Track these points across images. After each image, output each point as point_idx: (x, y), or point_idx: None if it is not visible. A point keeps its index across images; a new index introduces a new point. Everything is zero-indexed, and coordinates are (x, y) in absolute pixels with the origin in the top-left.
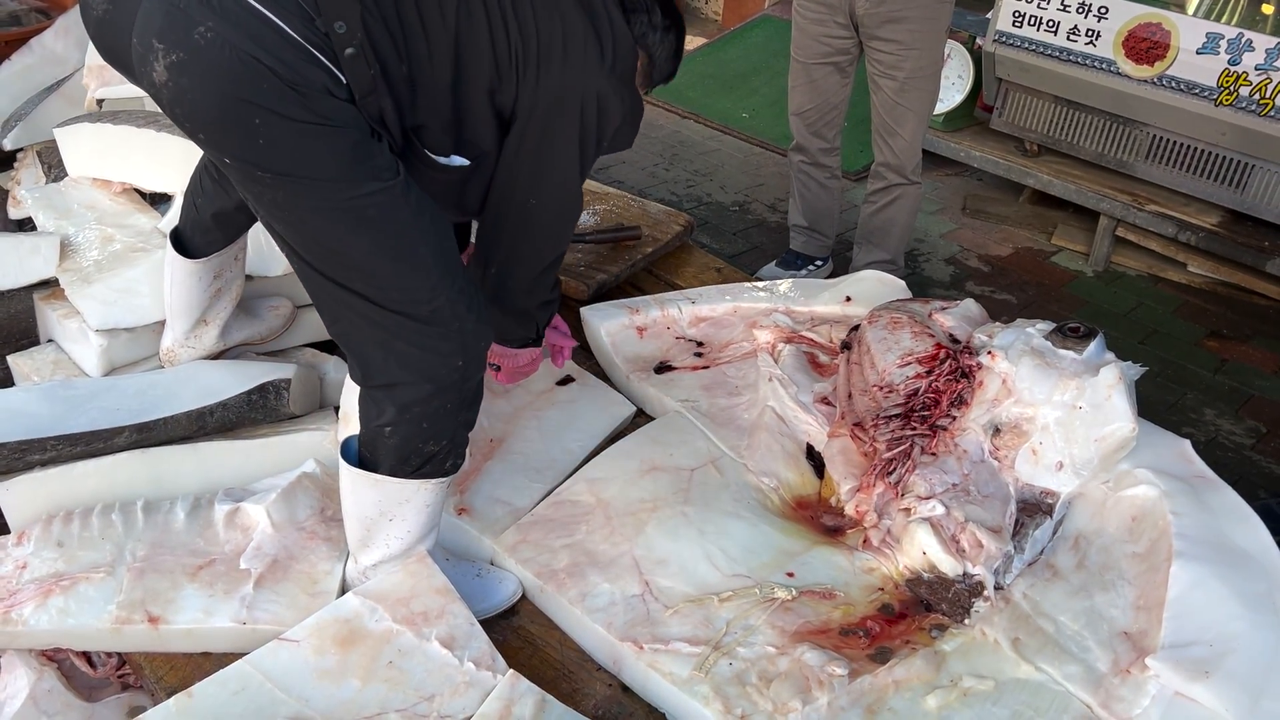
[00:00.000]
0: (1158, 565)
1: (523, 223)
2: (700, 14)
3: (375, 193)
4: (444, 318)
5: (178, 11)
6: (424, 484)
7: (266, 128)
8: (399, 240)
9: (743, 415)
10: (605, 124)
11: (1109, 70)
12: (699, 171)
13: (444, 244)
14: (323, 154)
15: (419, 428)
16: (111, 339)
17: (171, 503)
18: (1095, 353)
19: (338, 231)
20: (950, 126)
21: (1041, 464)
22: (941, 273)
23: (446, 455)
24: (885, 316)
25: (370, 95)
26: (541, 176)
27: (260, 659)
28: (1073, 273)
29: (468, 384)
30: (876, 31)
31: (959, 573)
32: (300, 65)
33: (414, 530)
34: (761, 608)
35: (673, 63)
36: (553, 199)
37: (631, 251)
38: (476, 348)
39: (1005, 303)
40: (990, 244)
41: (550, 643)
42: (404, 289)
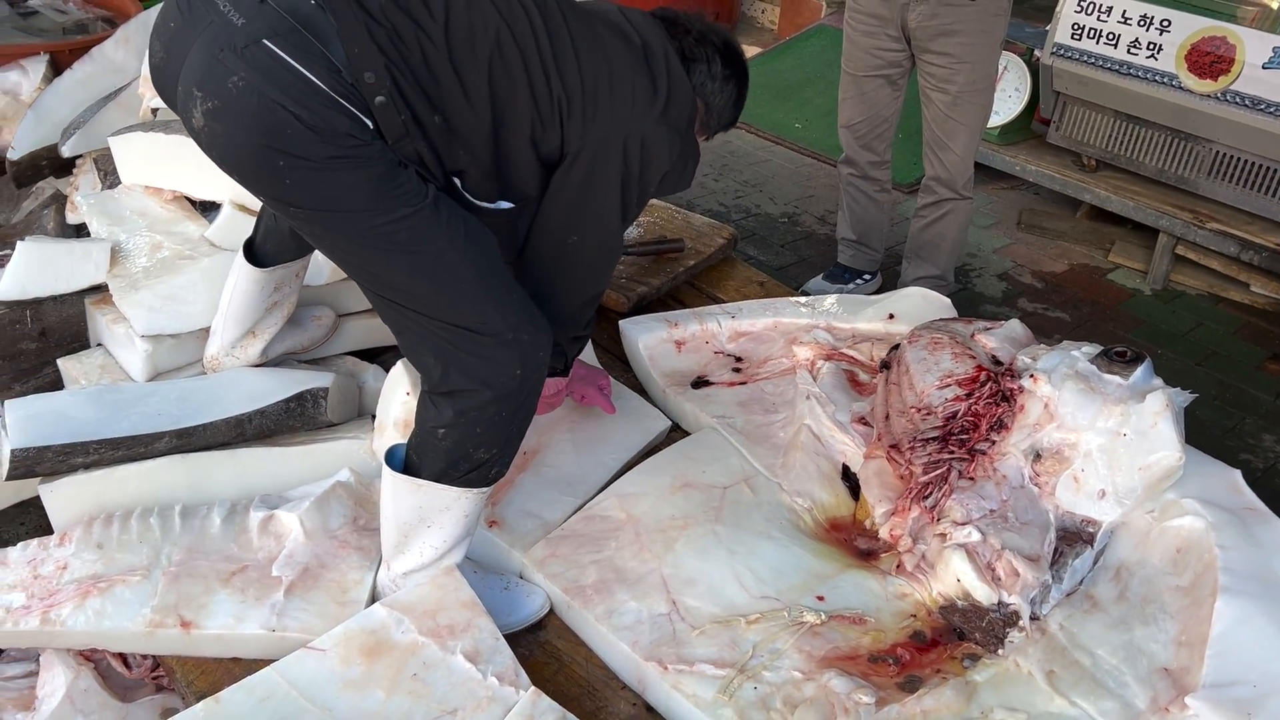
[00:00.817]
0: (1202, 600)
1: (560, 258)
2: (756, 23)
3: (404, 217)
4: (497, 329)
5: (216, 62)
6: (466, 492)
7: (291, 170)
8: (435, 260)
9: (779, 433)
10: (648, 168)
11: (1171, 85)
12: (748, 182)
13: (487, 259)
14: (347, 188)
15: (473, 432)
16: (156, 345)
17: (209, 508)
18: (1142, 378)
19: (374, 257)
20: (1006, 140)
21: (1083, 492)
22: (993, 289)
23: (494, 463)
24: (926, 336)
25: (404, 140)
26: (583, 214)
27: (287, 667)
28: (1130, 291)
29: (526, 392)
30: (929, 45)
31: (994, 601)
32: (324, 111)
33: (449, 539)
34: (789, 631)
35: (733, 111)
36: (592, 237)
37: (673, 264)
38: (535, 357)
39: (1058, 321)
40: (1045, 260)
41: (576, 659)
42: (451, 305)
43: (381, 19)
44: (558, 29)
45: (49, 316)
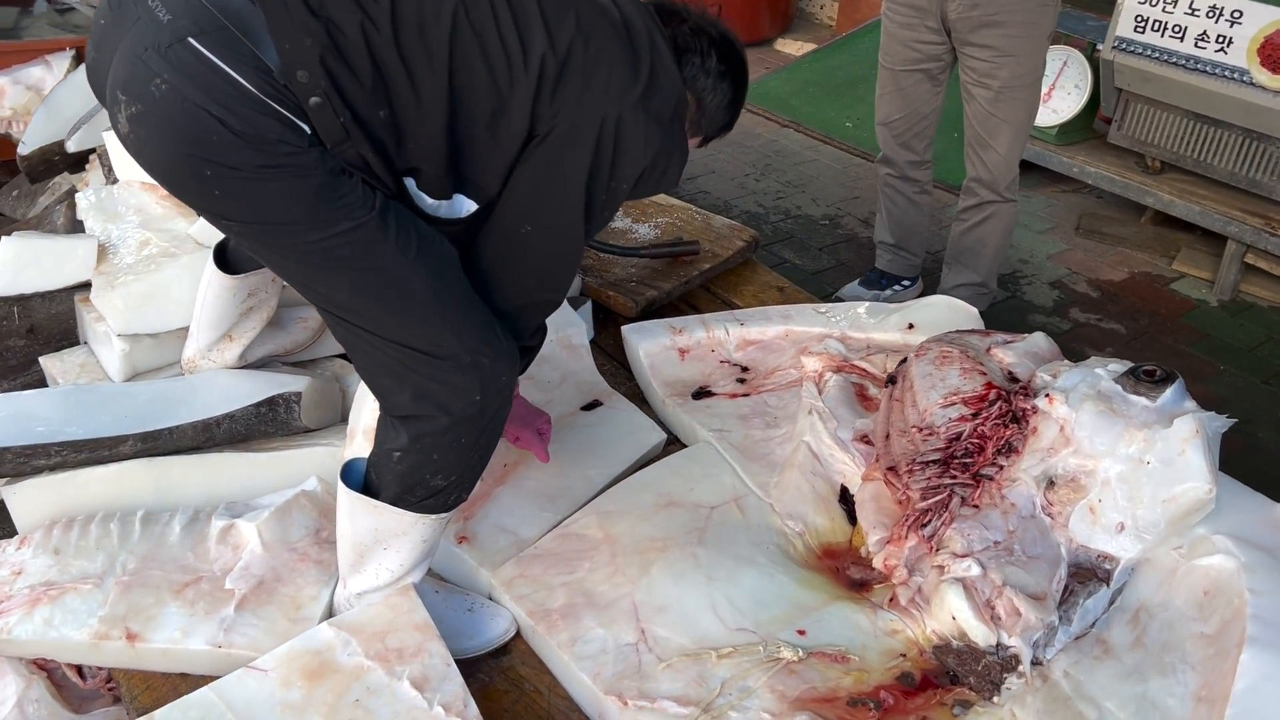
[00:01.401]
0: (1227, 651)
1: (511, 249)
2: (814, 19)
3: (346, 231)
4: (453, 351)
5: (140, 63)
6: (423, 518)
7: (219, 180)
8: (381, 277)
9: (777, 450)
10: (622, 159)
11: (1241, 80)
12: (791, 183)
13: (441, 276)
14: (281, 199)
15: (429, 459)
16: (134, 344)
17: (171, 515)
18: (1172, 400)
19: (315, 274)
20: (1065, 140)
21: (1100, 524)
22: (1044, 297)
23: (452, 490)
24: (935, 349)
25: (345, 144)
26: (541, 202)
27: (226, 687)
28: (1194, 302)
29: (488, 419)
30: (970, 37)
31: (992, 643)
32: (252, 116)
33: (406, 563)
34: (763, 668)
35: (728, 113)
36: (548, 230)
37: (688, 268)
38: (497, 382)
39: (1112, 333)
40: (1103, 268)
41: (539, 688)
42: (402, 325)
43: (318, 8)
44: (523, 3)
45: (37, 313)
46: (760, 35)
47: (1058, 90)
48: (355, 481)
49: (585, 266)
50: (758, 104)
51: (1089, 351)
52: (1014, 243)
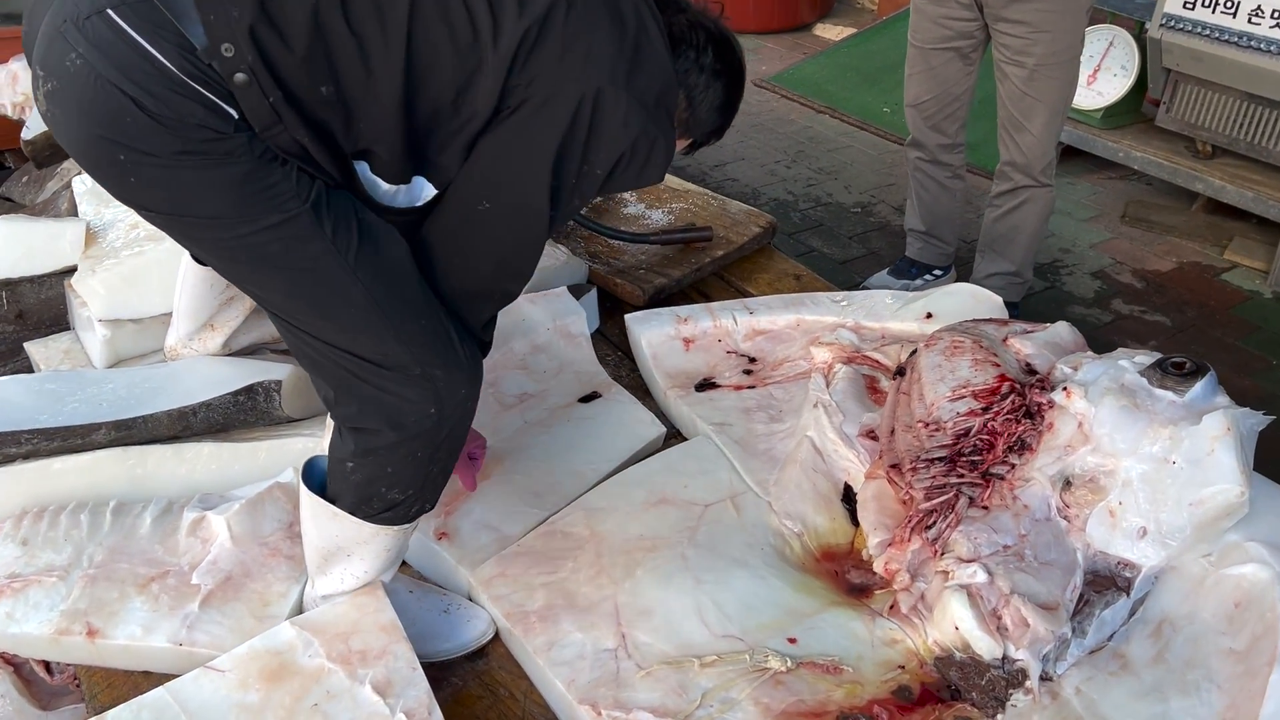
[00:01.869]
0: (1257, 669)
1: (464, 226)
2: (855, 4)
3: (274, 225)
4: (400, 362)
5: (58, 37)
6: (385, 529)
7: (134, 165)
8: (315, 278)
9: (779, 445)
10: (596, 139)
11: None
12: (823, 169)
13: (387, 278)
14: (202, 189)
15: (383, 472)
16: (116, 329)
17: (143, 506)
18: (1202, 395)
19: (244, 272)
20: (1111, 124)
21: (1120, 529)
22: (1085, 288)
23: (412, 503)
24: (946, 339)
25: (275, 127)
26: (502, 176)
27: (181, 687)
28: (1246, 293)
29: (445, 433)
30: (1002, 12)
31: (997, 655)
32: (170, 97)
33: (372, 569)
34: (748, 678)
35: (719, 116)
36: (506, 210)
37: (700, 255)
38: (455, 395)
39: (1156, 325)
40: (1149, 257)
41: (515, 693)
42: (343, 331)
43: None
44: None
45: (27, 298)
46: (799, 20)
47: (1103, 72)
48: (316, 481)
49: (594, 253)
50: (792, 89)
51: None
52: (1055, 231)
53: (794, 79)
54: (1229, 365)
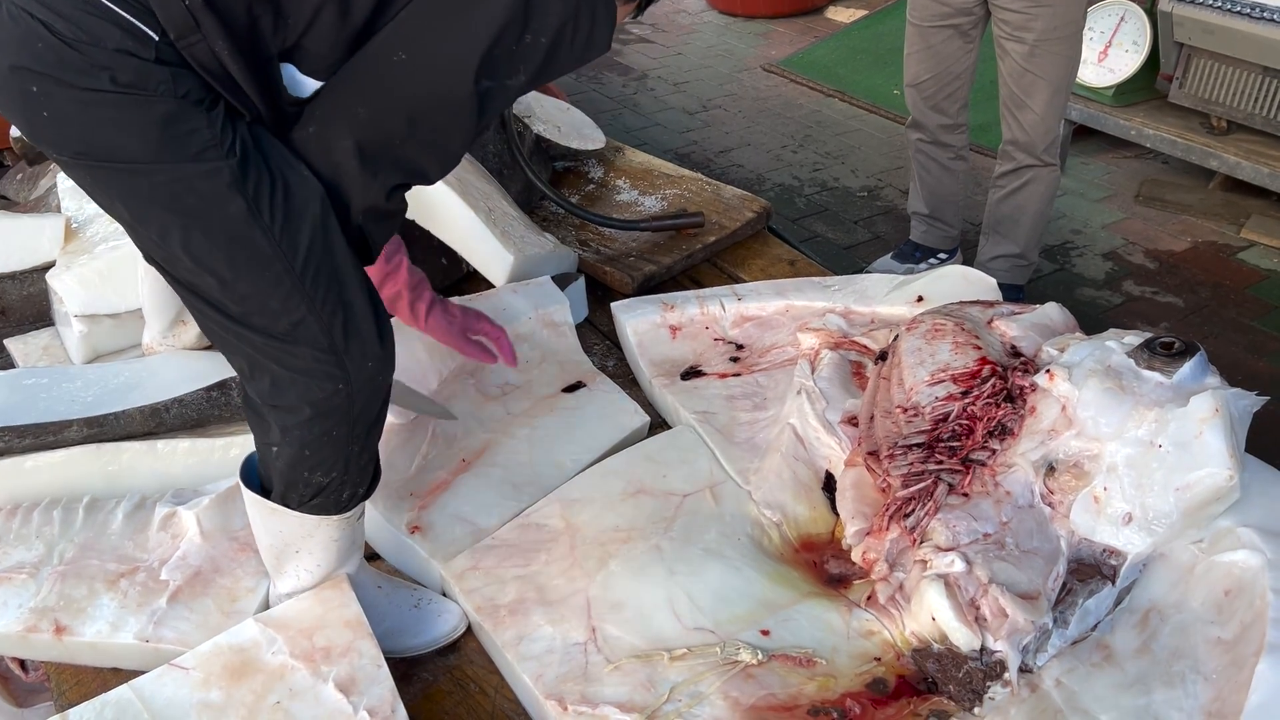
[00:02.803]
0: (1244, 659)
1: (373, 75)
2: None
3: (194, 176)
4: (310, 335)
5: None
6: (324, 521)
7: (46, 98)
8: (231, 235)
9: (762, 434)
10: (536, 14)
11: None
12: (830, 154)
13: (305, 243)
14: (120, 128)
15: (301, 454)
16: (93, 325)
17: (116, 502)
18: (1191, 376)
19: (156, 225)
20: (1123, 101)
21: (1105, 515)
22: (1095, 270)
23: (340, 488)
24: (928, 322)
25: (193, 35)
26: (427, 30)
27: (145, 684)
28: (1263, 272)
29: (358, 411)
30: None
31: (975, 647)
32: (82, 18)
33: (324, 563)
34: (718, 671)
35: None
36: (426, 67)
37: (691, 241)
38: (363, 370)
39: (1169, 306)
40: (1163, 237)
41: (485, 689)
42: (253, 298)
43: None
44: None
45: (9, 295)
46: (810, 4)
47: (1114, 48)
48: (255, 478)
49: (583, 241)
50: (800, 73)
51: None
52: (1067, 212)
53: (803, 63)
54: (1243, 346)
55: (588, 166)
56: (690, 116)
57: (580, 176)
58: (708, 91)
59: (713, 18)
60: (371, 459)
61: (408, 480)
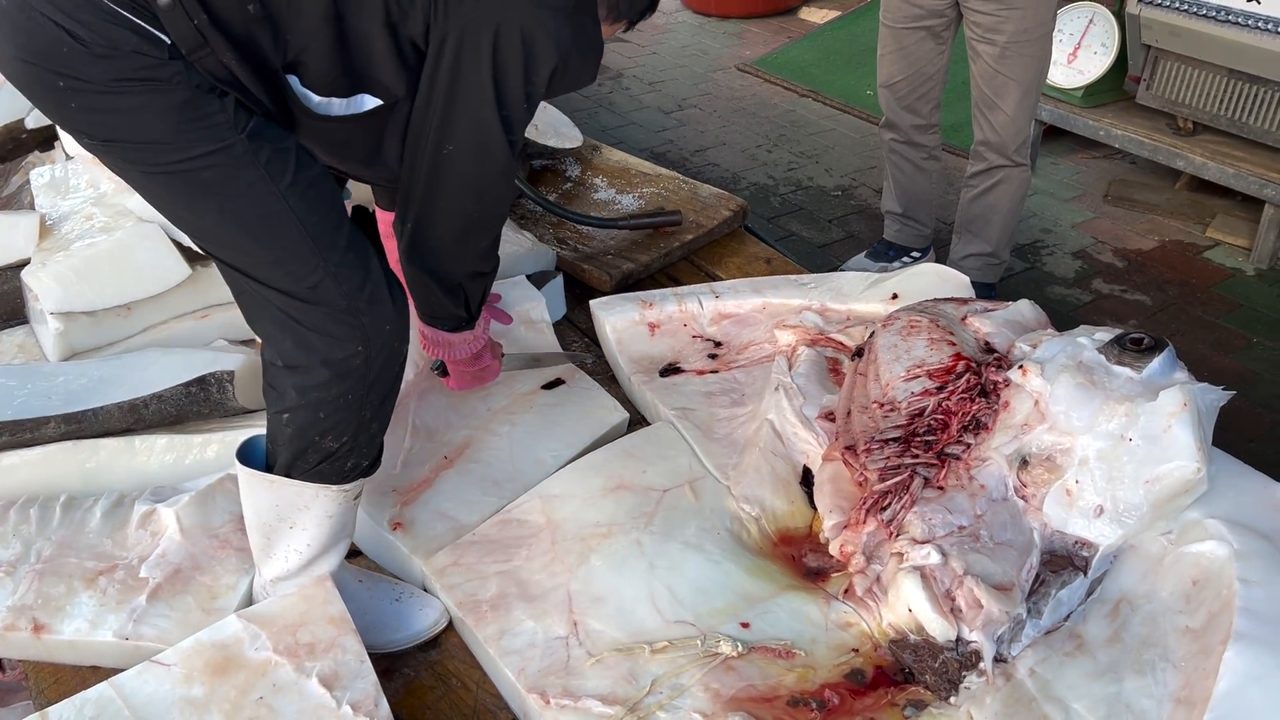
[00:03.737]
0: (1212, 648)
1: (436, 173)
2: None
3: (209, 153)
4: (328, 296)
5: None
6: (323, 489)
7: (73, 93)
8: (248, 206)
9: (740, 430)
10: (531, 63)
11: (1276, 32)
12: (805, 153)
13: (318, 211)
14: (140, 116)
15: (316, 417)
16: (69, 322)
17: (94, 500)
18: (1160, 371)
19: (179, 199)
20: (1092, 102)
21: (1077, 507)
22: (1065, 268)
23: (348, 455)
24: (903, 319)
25: (203, 51)
26: (455, 118)
27: (126, 681)
28: (1229, 271)
29: (375, 374)
30: None
31: (950, 637)
32: (101, 26)
33: (315, 542)
34: (699, 664)
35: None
36: (469, 146)
37: (669, 239)
38: (381, 333)
39: (1137, 304)
40: (1131, 236)
41: (467, 683)
42: (274, 262)
43: None
44: None
45: None
46: (784, 4)
47: (1083, 49)
48: (256, 459)
49: (561, 239)
50: (775, 74)
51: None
52: (1036, 211)
53: (778, 63)
54: (1209, 343)
55: (565, 165)
56: (666, 116)
57: (557, 175)
58: (683, 91)
59: (687, 17)
60: (381, 430)
61: (390, 476)
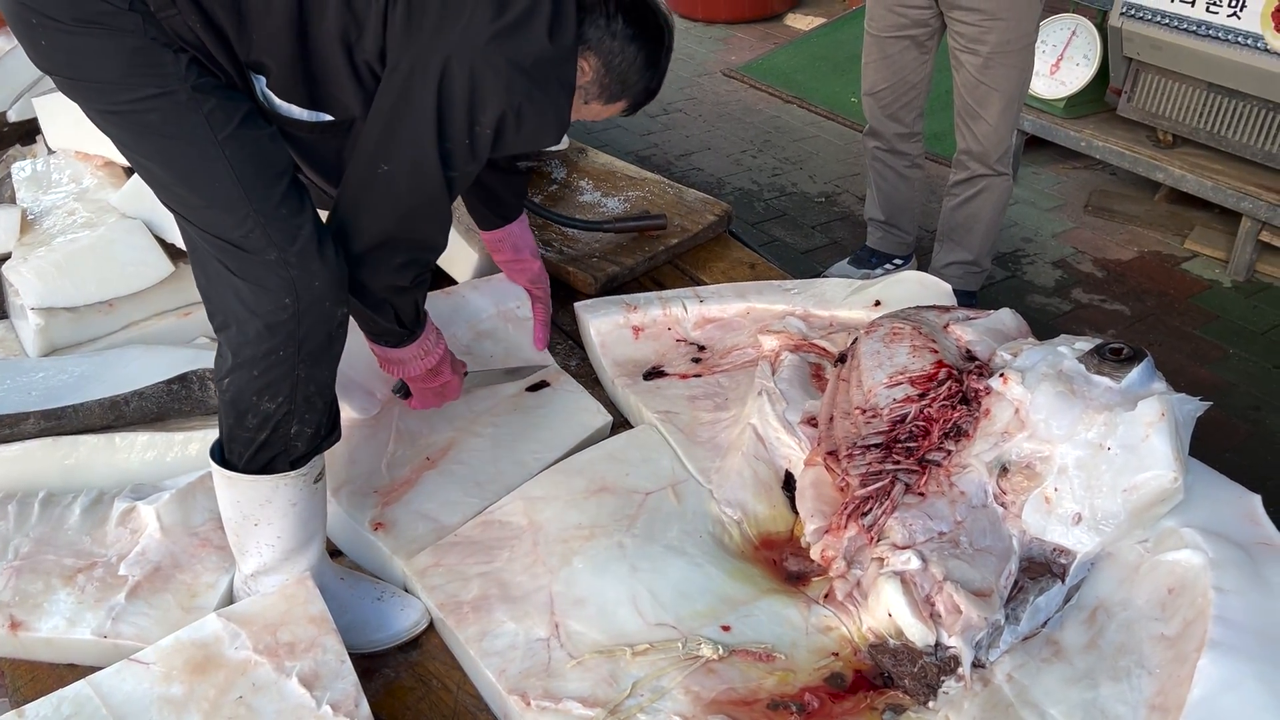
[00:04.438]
0: (1187, 655)
1: (367, 187)
2: None
3: (155, 96)
4: (259, 245)
5: None
6: (280, 479)
7: (43, 30)
8: (188, 150)
9: (723, 434)
10: (476, 106)
11: (1255, 47)
12: (789, 159)
13: (255, 164)
14: (97, 56)
15: (250, 375)
16: (50, 318)
17: (73, 497)
18: (1138, 381)
19: (128, 141)
20: (1073, 113)
21: (1055, 515)
22: (1045, 277)
23: (287, 420)
24: (886, 326)
25: (170, 10)
26: (395, 141)
27: (104, 680)
28: (1206, 282)
29: (304, 333)
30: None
31: (930, 642)
32: None
33: (286, 534)
34: (680, 666)
35: (646, 77)
36: (404, 172)
37: (653, 243)
38: (310, 289)
39: (1115, 314)
40: (1111, 246)
41: (448, 684)
42: (209, 208)
43: None
44: None
45: None
46: (770, 10)
47: (1065, 61)
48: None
49: (546, 241)
50: (760, 79)
51: (1089, 334)
52: (1018, 221)
53: (763, 69)
54: (1186, 354)
55: (551, 167)
56: (651, 119)
57: (543, 177)
58: (668, 95)
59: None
60: (320, 396)
61: (372, 477)
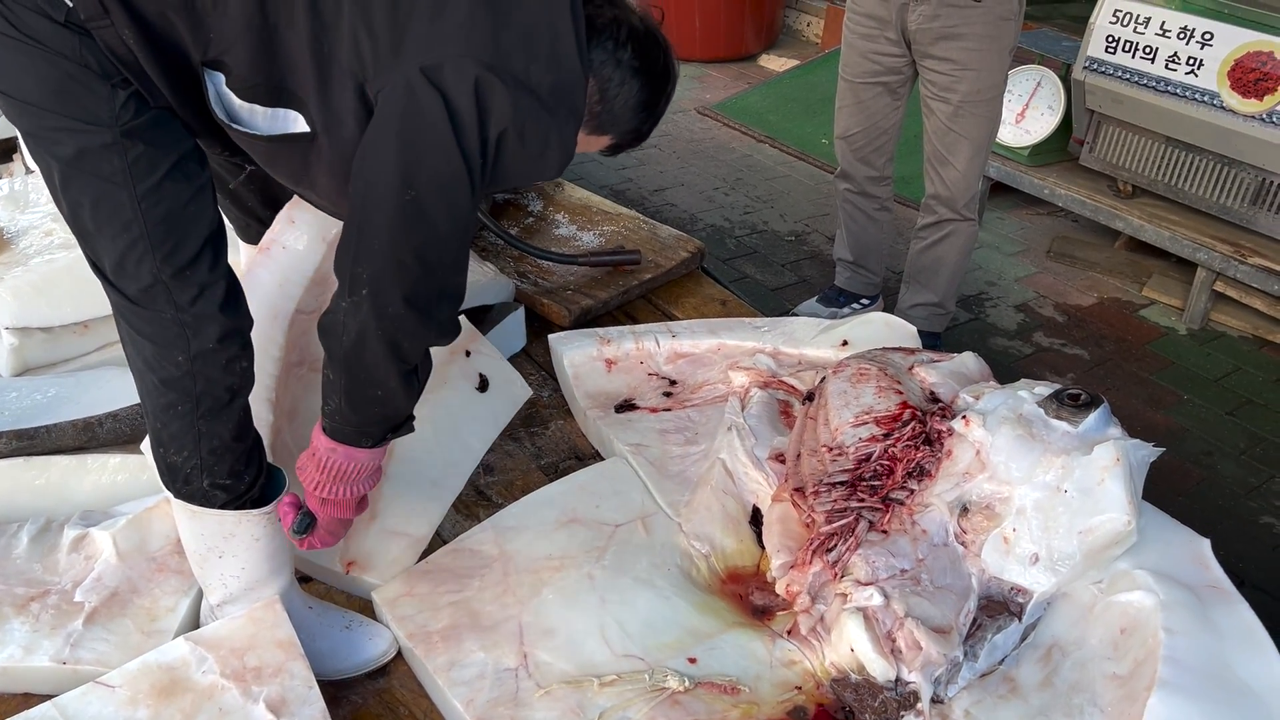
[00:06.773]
0: (1137, 694)
1: (400, 219)
2: (800, 36)
3: (76, 133)
4: (155, 300)
5: None
6: (244, 515)
7: None
8: (101, 191)
9: (693, 468)
10: (486, 112)
11: (1211, 104)
12: (760, 198)
13: (170, 224)
14: (26, 74)
15: (155, 427)
16: (25, 338)
17: (19, 525)
18: (1095, 426)
19: (46, 171)
20: (1037, 161)
21: (1013, 555)
22: (1008, 320)
23: (199, 473)
24: (853, 366)
25: (102, 20)
26: (415, 161)
27: (69, 703)
28: (1162, 329)
29: (199, 391)
30: (930, 49)
31: (890, 677)
32: None
33: (250, 565)
34: (646, 698)
35: (637, 116)
36: (433, 192)
37: (627, 277)
38: (205, 349)
39: (1075, 358)
40: (1071, 292)
41: (415, 713)
42: (111, 254)
43: None
44: None
45: None
46: (745, 50)
47: (1031, 111)
48: None
49: (522, 273)
50: (733, 118)
51: (1050, 378)
52: (982, 264)
53: (736, 108)
54: (1142, 399)
55: (527, 200)
56: (627, 154)
57: (520, 209)
58: None
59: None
60: (227, 450)
61: None
